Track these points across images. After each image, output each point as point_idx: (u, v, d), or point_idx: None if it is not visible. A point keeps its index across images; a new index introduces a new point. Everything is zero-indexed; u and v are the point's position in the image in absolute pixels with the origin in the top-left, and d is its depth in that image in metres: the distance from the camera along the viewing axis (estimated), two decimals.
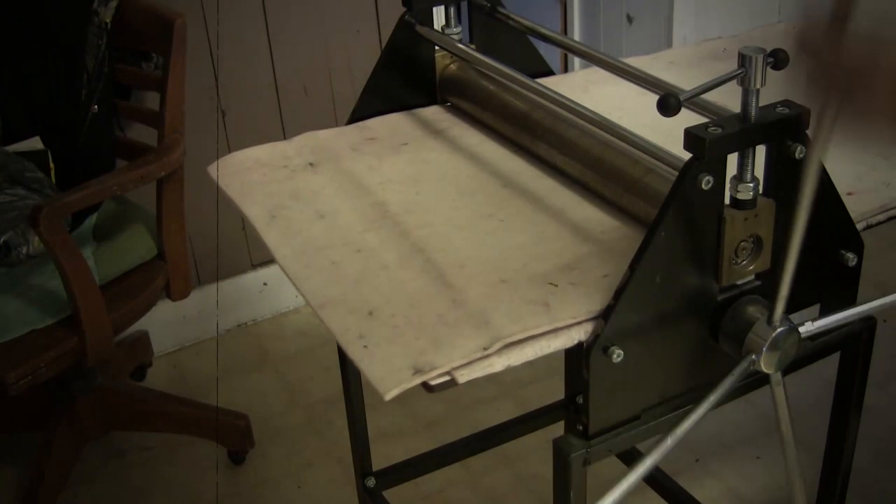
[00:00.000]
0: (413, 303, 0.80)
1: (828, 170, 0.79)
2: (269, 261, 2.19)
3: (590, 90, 1.18)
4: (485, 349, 0.73)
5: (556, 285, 0.80)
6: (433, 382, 0.71)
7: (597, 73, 1.18)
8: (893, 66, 0.68)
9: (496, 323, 0.76)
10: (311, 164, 1.05)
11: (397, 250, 0.88)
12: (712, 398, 0.77)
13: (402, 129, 1.12)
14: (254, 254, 2.24)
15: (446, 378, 0.71)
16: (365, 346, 0.75)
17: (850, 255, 0.85)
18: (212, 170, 1.06)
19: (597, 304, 0.78)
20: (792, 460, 0.83)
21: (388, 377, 0.71)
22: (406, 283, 0.83)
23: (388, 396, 0.70)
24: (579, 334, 0.77)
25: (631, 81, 0.93)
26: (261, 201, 0.98)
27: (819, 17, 0.74)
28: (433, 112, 1.17)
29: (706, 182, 0.74)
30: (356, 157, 1.06)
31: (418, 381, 0.71)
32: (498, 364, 0.73)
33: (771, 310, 0.77)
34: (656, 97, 0.75)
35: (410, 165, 1.03)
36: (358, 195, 0.98)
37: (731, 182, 0.76)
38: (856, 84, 0.71)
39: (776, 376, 0.79)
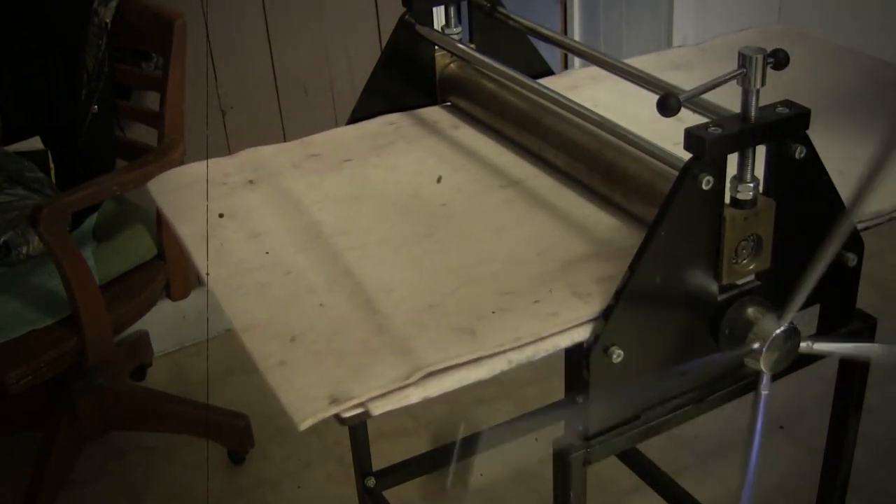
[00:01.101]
0: (337, 329, 0.78)
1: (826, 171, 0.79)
2: None
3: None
4: (405, 379, 0.70)
5: (486, 311, 0.78)
6: (345, 415, 0.69)
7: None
8: None
9: (419, 351, 0.73)
10: (250, 182, 1.02)
11: (327, 273, 0.85)
12: (711, 401, 0.76)
13: (346, 144, 1.09)
14: None
15: (360, 410, 0.69)
16: (284, 374, 0.73)
17: (851, 256, 0.85)
18: (151, 186, 1.03)
19: (523, 332, 0.75)
20: (750, 466, 0.83)
21: (304, 406, 0.69)
22: (332, 308, 0.80)
23: (302, 426, 0.68)
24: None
25: (631, 81, 0.93)
26: (195, 220, 0.96)
27: None
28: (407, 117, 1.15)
29: (706, 182, 0.74)
30: (296, 175, 1.03)
31: (334, 410, 0.69)
32: (414, 395, 0.71)
33: (772, 311, 0.77)
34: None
35: (351, 183, 1.01)
36: (293, 215, 0.95)
37: (731, 182, 0.76)
38: None
39: (766, 378, 0.79)
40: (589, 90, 1.17)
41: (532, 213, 0.93)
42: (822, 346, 0.80)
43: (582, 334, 0.76)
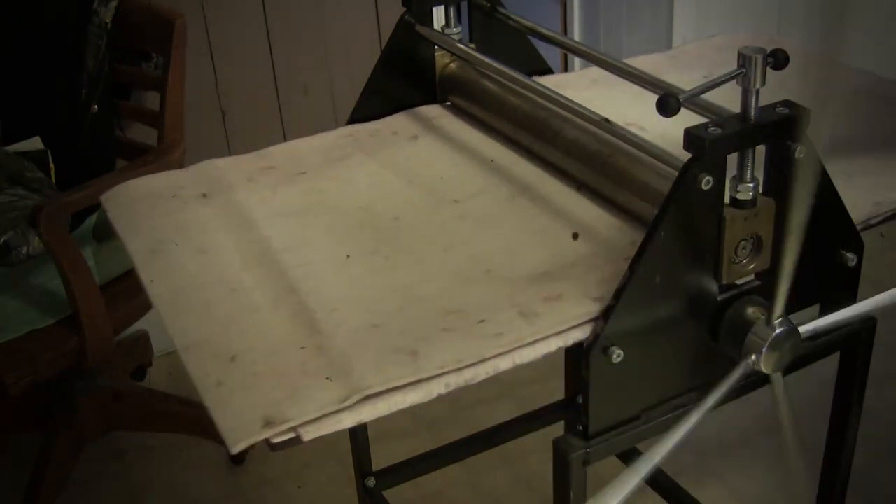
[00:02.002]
0: (278, 348, 0.76)
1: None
2: None
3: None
4: (341, 402, 0.69)
5: (430, 331, 0.76)
6: (275, 440, 0.67)
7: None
8: None
9: (357, 373, 0.72)
10: (203, 195, 0.99)
11: (272, 291, 0.84)
12: (711, 400, 0.76)
13: (302, 157, 1.07)
14: None
15: (291, 435, 0.68)
16: (221, 394, 0.71)
17: (850, 255, 0.85)
18: (104, 200, 1.02)
19: (466, 353, 0.73)
20: (795, 458, 0.83)
21: (239, 428, 0.67)
22: (274, 327, 0.79)
23: (235, 450, 0.66)
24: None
25: (631, 81, 0.93)
26: (145, 234, 0.94)
27: None
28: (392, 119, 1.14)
29: (706, 182, 0.74)
30: (250, 188, 1.01)
31: (266, 434, 0.67)
32: (347, 420, 0.69)
33: (770, 311, 0.77)
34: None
35: (303, 197, 0.99)
36: (243, 230, 0.93)
37: (731, 182, 0.76)
38: None
39: (776, 376, 0.79)
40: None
41: (485, 229, 0.91)
42: (821, 322, 0.80)
43: (527, 356, 0.74)
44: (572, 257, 0.85)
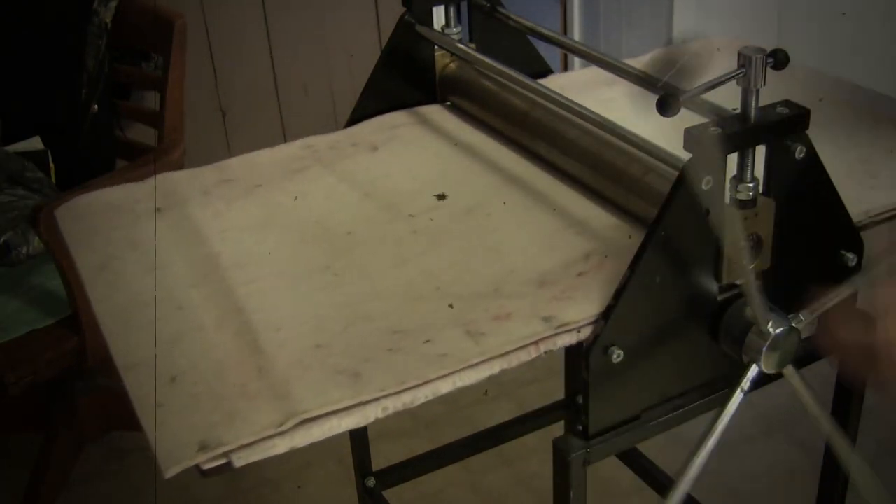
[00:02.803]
0: (219, 370, 0.74)
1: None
2: None
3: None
4: (278, 426, 0.67)
5: (374, 352, 0.75)
6: (205, 466, 0.65)
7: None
8: None
9: (296, 396, 0.70)
10: (158, 209, 0.98)
11: (218, 309, 0.82)
12: (727, 415, 0.76)
13: (261, 169, 1.05)
14: None
15: (222, 461, 0.66)
16: (159, 416, 0.70)
17: (850, 256, 0.85)
18: (58, 213, 1.00)
19: (408, 375, 0.71)
20: (836, 440, 0.81)
21: (173, 452, 0.66)
22: (217, 347, 0.77)
23: (168, 474, 0.65)
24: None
25: (631, 81, 0.93)
26: (96, 249, 0.92)
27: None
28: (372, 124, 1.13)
29: (706, 182, 0.74)
30: (205, 202, 0.99)
31: (200, 459, 0.65)
32: (280, 446, 0.67)
33: (755, 319, 0.77)
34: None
35: (258, 211, 0.97)
36: (194, 245, 0.91)
37: (731, 182, 0.76)
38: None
39: (789, 369, 0.79)
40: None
41: (438, 244, 0.89)
42: (812, 309, 0.80)
43: (468, 378, 0.73)
44: (527, 273, 0.83)
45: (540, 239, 0.89)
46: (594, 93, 1.14)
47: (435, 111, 1.16)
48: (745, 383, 0.78)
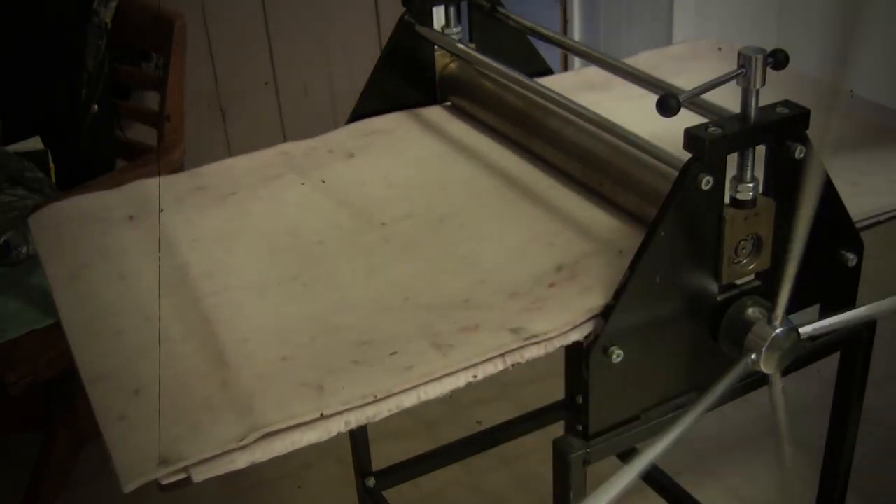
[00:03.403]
0: (184, 382, 0.73)
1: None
2: None
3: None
4: (240, 440, 0.66)
5: (340, 364, 0.74)
6: (164, 481, 0.65)
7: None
8: None
9: (259, 409, 0.69)
10: (130, 218, 0.97)
11: (185, 320, 0.81)
12: (708, 399, 0.76)
13: (235, 176, 1.04)
14: None
15: (181, 476, 0.65)
16: (122, 429, 0.69)
17: (850, 255, 0.85)
18: (32, 221, 0.99)
19: (373, 388, 0.71)
20: (788, 461, 0.83)
21: (134, 466, 0.65)
22: (183, 359, 0.76)
23: (127, 489, 0.64)
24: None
25: (630, 81, 0.93)
26: (66, 258, 0.90)
27: None
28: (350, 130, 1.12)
29: (706, 182, 0.74)
30: (177, 210, 0.98)
31: (160, 473, 0.65)
32: (241, 460, 0.67)
33: (770, 311, 0.77)
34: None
35: (230, 219, 0.96)
36: (165, 254, 0.90)
37: (731, 182, 0.76)
38: None
39: (775, 376, 0.79)
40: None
41: (408, 254, 0.89)
42: (822, 324, 0.80)
43: (432, 391, 0.72)
44: (497, 284, 0.83)
45: (513, 249, 0.88)
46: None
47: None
48: (734, 373, 0.77)
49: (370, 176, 1.03)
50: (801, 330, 0.78)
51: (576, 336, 0.76)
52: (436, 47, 1.15)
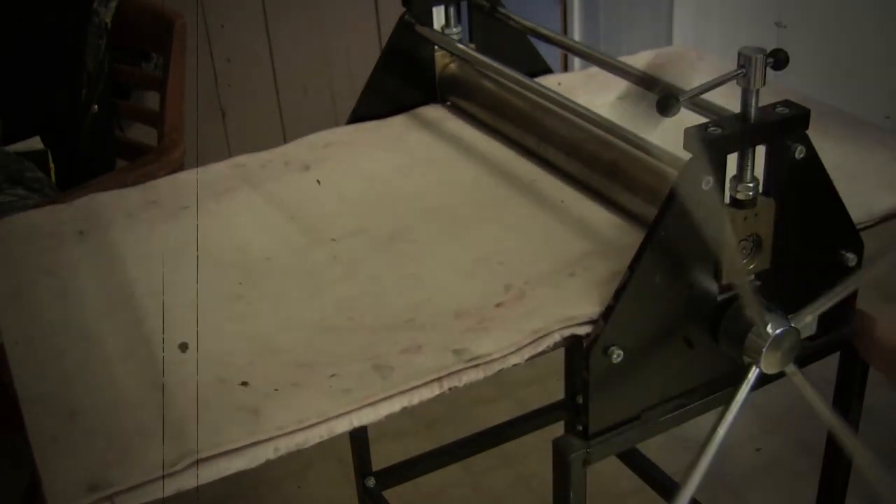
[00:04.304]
0: (120, 405, 0.72)
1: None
2: None
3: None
4: (171, 466, 0.65)
5: (278, 386, 0.72)
6: None
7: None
8: None
9: (192, 434, 0.67)
10: (80, 233, 0.95)
11: (126, 340, 0.79)
12: (732, 412, 0.76)
13: (189, 189, 1.01)
14: None
15: (109, 503, 0.64)
16: (54, 453, 0.68)
17: (850, 256, 0.85)
18: None
19: (309, 412, 0.69)
20: (843, 435, 0.81)
21: (63, 492, 0.64)
22: (121, 381, 0.74)
23: None
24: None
25: (631, 82, 0.93)
26: (12, 274, 0.89)
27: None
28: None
29: (706, 182, 0.74)
30: (128, 226, 0.96)
31: (88, 500, 0.63)
32: (169, 487, 0.65)
33: (770, 311, 0.77)
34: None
35: (180, 235, 0.94)
36: (111, 272, 0.89)
37: (731, 182, 0.76)
38: None
39: (791, 367, 0.79)
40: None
41: (356, 271, 0.87)
42: (813, 307, 0.80)
43: (366, 417, 0.70)
44: (444, 303, 0.81)
45: (462, 267, 0.86)
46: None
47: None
48: (746, 386, 0.78)
49: (324, 190, 1.01)
50: (799, 320, 0.78)
51: (516, 359, 0.74)
52: (436, 47, 1.15)
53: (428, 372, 0.72)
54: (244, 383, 0.73)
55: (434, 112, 1.16)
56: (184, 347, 0.78)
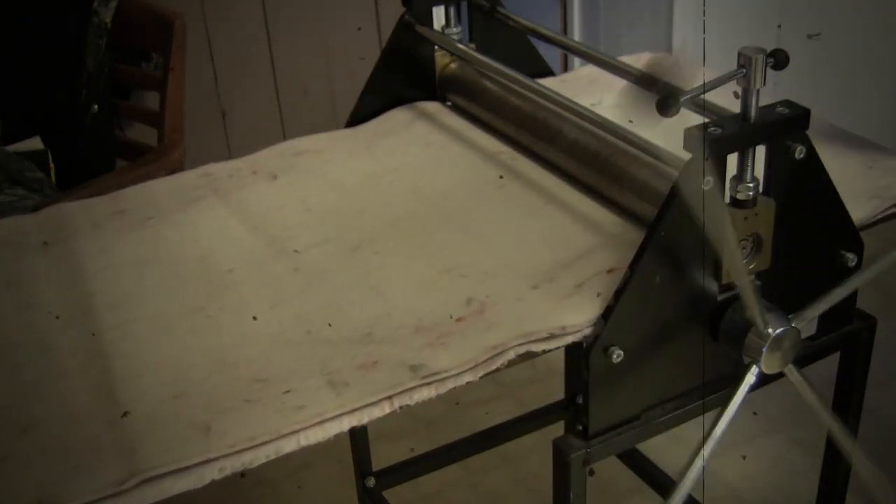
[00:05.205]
0: (73, 421, 0.70)
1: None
2: None
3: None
4: (119, 485, 0.63)
5: (232, 403, 0.71)
6: None
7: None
8: None
9: (143, 452, 0.66)
10: (45, 244, 0.93)
11: (83, 354, 0.78)
12: (730, 411, 0.76)
13: (156, 199, 1.00)
14: None
15: None
16: (3, 470, 0.66)
17: (850, 256, 0.85)
18: None
19: (261, 429, 0.68)
20: (840, 436, 0.81)
21: None
22: (76, 396, 0.73)
23: None
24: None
25: (631, 82, 0.93)
26: None
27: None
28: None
29: (706, 182, 0.74)
30: (93, 236, 0.94)
31: None
32: None
33: (770, 311, 0.77)
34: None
35: (144, 246, 0.93)
36: (73, 283, 0.87)
37: (731, 182, 0.76)
38: None
39: (790, 368, 0.79)
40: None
41: (317, 283, 0.86)
42: (813, 309, 0.80)
43: (313, 436, 0.69)
44: (403, 316, 0.80)
45: (424, 280, 0.85)
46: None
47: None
48: (745, 386, 0.78)
49: (290, 199, 0.99)
50: (799, 319, 0.78)
51: (470, 377, 0.73)
52: (436, 47, 1.15)
53: (381, 389, 0.71)
54: (197, 399, 0.72)
55: (403, 115, 1.14)
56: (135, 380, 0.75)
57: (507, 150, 1.05)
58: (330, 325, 0.80)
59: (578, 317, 0.77)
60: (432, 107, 1.16)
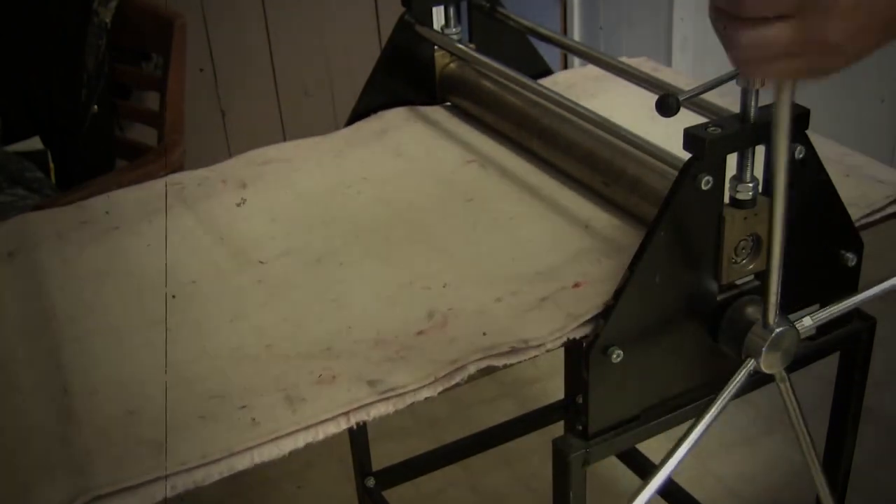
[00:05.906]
0: (25, 437, 0.69)
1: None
2: None
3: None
4: None
5: (186, 419, 0.70)
6: None
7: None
8: None
9: (93, 469, 0.65)
10: (9, 255, 0.92)
11: (40, 369, 0.76)
12: (720, 405, 0.76)
13: (122, 208, 0.99)
14: None
15: None
16: None
17: (850, 255, 0.85)
18: None
19: (214, 446, 0.67)
20: (809, 452, 0.82)
21: None
22: (30, 413, 0.72)
23: None
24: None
25: (630, 81, 0.93)
26: None
27: None
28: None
29: (706, 182, 0.74)
30: (57, 247, 0.93)
31: None
32: None
33: (763, 313, 0.77)
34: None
35: (106, 257, 0.91)
36: (34, 296, 0.86)
37: (730, 182, 0.76)
38: None
39: (781, 373, 0.79)
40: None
41: (279, 295, 0.84)
42: (820, 315, 0.80)
43: (267, 453, 0.69)
44: (363, 330, 0.79)
45: (387, 292, 0.84)
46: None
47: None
48: (739, 378, 0.77)
49: (256, 209, 0.98)
50: (800, 323, 0.78)
51: (429, 392, 0.72)
52: (436, 47, 1.15)
53: (338, 405, 0.70)
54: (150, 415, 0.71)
55: (379, 123, 1.14)
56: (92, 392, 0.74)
57: (477, 159, 1.04)
58: (290, 339, 0.79)
59: (540, 329, 0.76)
60: (409, 112, 1.15)
